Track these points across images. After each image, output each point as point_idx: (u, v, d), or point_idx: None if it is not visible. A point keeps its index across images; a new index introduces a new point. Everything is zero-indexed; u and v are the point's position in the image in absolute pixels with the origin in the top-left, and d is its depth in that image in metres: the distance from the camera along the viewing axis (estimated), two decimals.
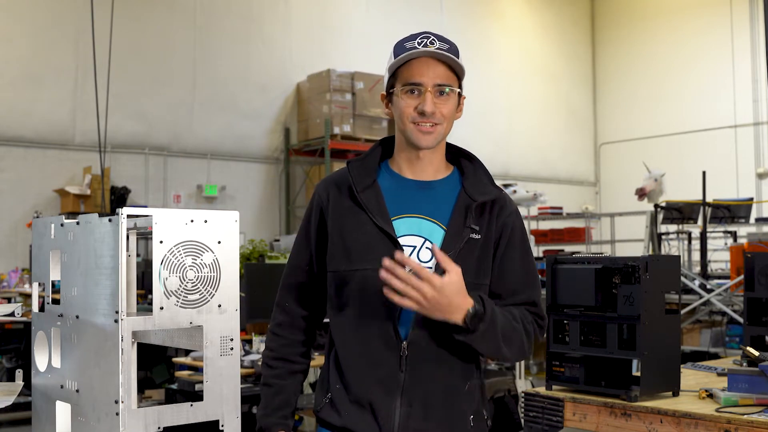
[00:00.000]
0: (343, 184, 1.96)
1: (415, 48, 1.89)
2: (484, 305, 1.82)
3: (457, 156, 2.06)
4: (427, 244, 1.90)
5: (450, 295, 1.75)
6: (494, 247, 1.94)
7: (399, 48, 1.92)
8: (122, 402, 1.21)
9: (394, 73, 1.95)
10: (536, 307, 1.97)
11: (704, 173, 8.04)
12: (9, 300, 7.95)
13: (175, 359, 6.82)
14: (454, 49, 1.92)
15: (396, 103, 1.95)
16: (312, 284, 2.01)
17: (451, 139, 2.05)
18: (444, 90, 1.91)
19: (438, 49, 1.88)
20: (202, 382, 1.45)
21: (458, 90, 1.94)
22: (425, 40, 1.89)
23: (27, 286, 8.44)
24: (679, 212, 8.57)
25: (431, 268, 1.85)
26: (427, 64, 1.90)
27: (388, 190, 1.95)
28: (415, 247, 1.90)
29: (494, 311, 1.84)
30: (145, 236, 1.59)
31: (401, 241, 1.88)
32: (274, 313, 2.04)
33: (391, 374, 1.85)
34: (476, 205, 1.92)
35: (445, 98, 1.92)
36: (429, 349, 1.86)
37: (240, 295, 1.36)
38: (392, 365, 1.85)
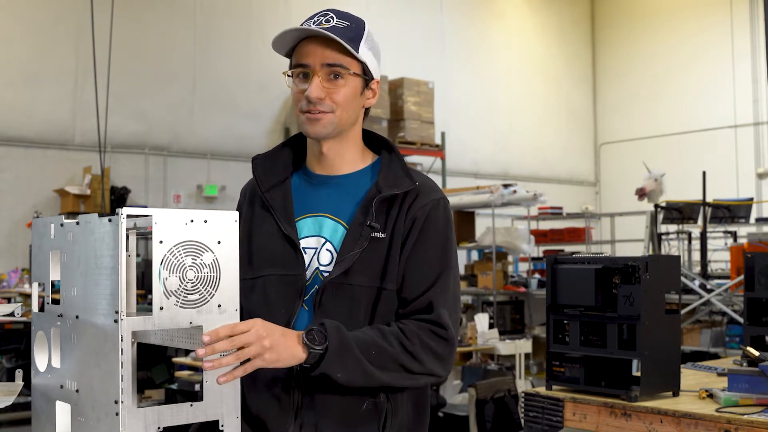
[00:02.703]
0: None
1: (308, 27, 1.69)
2: (324, 327, 1.57)
3: (379, 147, 1.85)
4: (327, 245, 1.71)
5: (269, 330, 1.48)
6: (402, 245, 1.70)
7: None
8: (122, 402, 1.21)
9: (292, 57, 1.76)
10: (431, 312, 1.66)
11: (704, 173, 8.05)
12: (9, 300, 7.96)
13: (175, 359, 6.84)
14: (354, 28, 1.72)
15: (291, 89, 1.75)
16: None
17: (452, 138, 2.01)
18: (337, 73, 1.69)
19: (333, 27, 1.68)
20: (201, 382, 1.45)
21: (353, 72, 1.71)
22: (322, 18, 1.70)
23: (27, 286, 8.44)
24: (679, 212, 8.58)
25: (328, 272, 1.67)
26: (316, 44, 1.69)
27: (297, 187, 1.80)
28: (315, 249, 1.72)
29: (342, 332, 1.58)
30: (145, 236, 1.59)
31: (302, 243, 1.72)
32: None
33: (284, 392, 1.68)
34: (378, 200, 1.69)
35: (340, 82, 1.69)
36: None
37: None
38: (285, 382, 1.67)
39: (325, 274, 1.68)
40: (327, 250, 1.71)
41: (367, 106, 1.80)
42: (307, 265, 1.70)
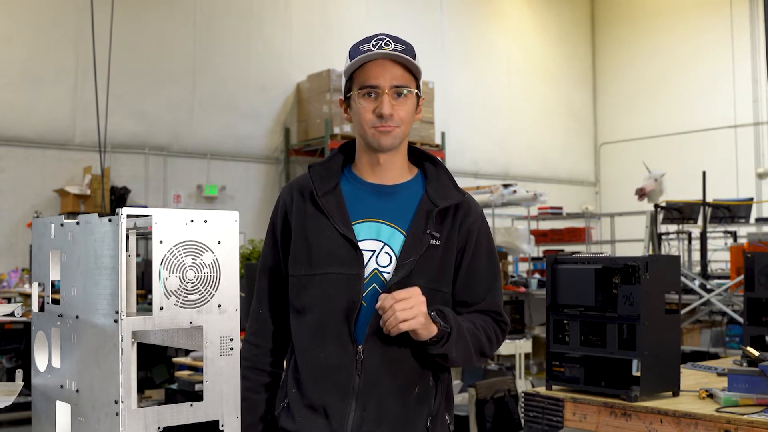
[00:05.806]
0: (305, 189, 1.97)
1: (370, 50, 1.87)
2: (443, 313, 1.84)
3: (420, 159, 2.05)
4: (386, 249, 1.89)
5: (418, 296, 1.77)
6: (459, 254, 1.93)
7: (354, 51, 1.91)
8: (122, 402, 1.21)
9: (351, 78, 1.94)
10: (501, 314, 1.99)
11: (704, 173, 8.05)
12: (9, 300, 7.96)
13: (175, 359, 6.83)
14: (410, 49, 1.92)
15: (354, 107, 1.94)
16: (282, 288, 2.00)
17: (452, 138, 2.06)
18: (401, 92, 1.90)
19: (393, 50, 1.87)
20: (202, 382, 1.45)
21: (416, 91, 1.94)
22: (380, 42, 1.89)
23: (27, 286, 8.44)
24: (679, 212, 8.58)
25: (389, 272, 1.87)
26: (383, 66, 1.89)
27: (349, 194, 1.95)
28: (374, 251, 1.89)
29: (456, 319, 1.86)
30: (145, 236, 1.59)
31: (360, 245, 1.88)
32: (249, 320, 2.04)
33: (346, 378, 1.85)
34: (437, 211, 1.91)
35: (403, 100, 1.91)
36: (384, 354, 1.85)
37: (240, 295, 1.35)
38: (348, 369, 1.85)
39: (385, 275, 1.87)
40: (386, 253, 1.89)
41: (415, 120, 2.00)
42: (364, 265, 1.87)
